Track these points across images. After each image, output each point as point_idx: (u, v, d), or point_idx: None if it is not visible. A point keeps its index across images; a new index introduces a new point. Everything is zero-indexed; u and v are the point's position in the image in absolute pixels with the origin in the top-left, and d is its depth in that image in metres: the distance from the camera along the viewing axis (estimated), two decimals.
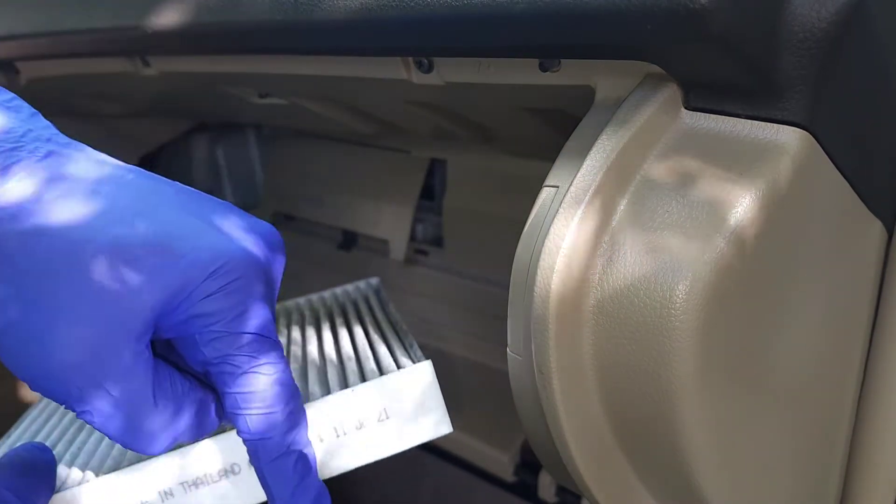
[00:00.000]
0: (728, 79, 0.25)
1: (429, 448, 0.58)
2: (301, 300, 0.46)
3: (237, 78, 0.43)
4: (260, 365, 0.26)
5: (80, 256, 0.23)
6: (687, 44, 0.23)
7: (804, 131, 0.25)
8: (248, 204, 0.81)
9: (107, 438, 0.32)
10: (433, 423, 0.31)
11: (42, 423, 0.37)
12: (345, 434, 0.31)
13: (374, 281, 0.47)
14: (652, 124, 0.26)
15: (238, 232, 0.27)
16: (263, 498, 0.30)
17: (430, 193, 0.64)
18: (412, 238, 0.65)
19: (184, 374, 0.27)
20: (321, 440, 0.30)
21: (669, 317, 0.24)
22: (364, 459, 0.31)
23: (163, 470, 0.29)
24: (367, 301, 0.44)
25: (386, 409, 0.31)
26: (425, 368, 0.31)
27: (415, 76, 0.34)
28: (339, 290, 0.47)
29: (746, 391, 0.27)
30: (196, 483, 0.29)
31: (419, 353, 0.34)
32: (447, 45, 0.30)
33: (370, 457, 0.31)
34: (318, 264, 0.73)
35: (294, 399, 0.27)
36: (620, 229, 0.25)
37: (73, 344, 0.23)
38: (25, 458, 0.28)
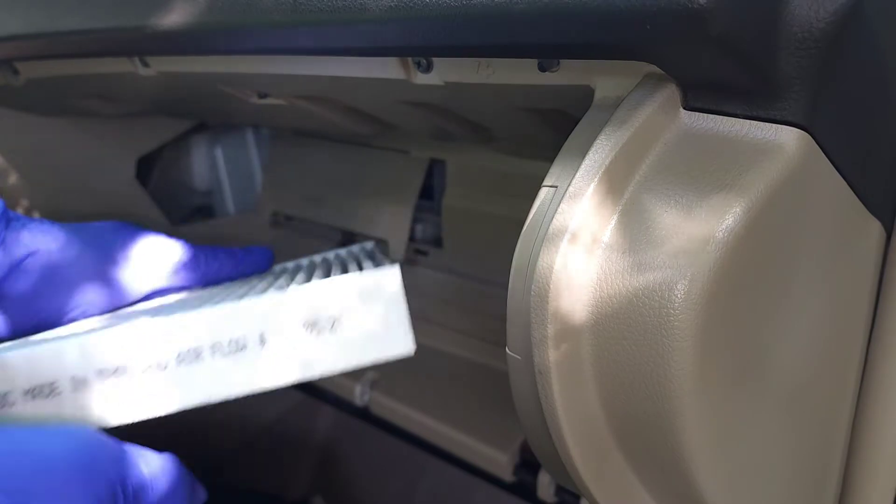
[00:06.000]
0: (727, 79, 0.25)
1: (427, 448, 0.58)
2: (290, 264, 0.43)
3: (236, 78, 0.43)
4: None
5: None
6: (686, 44, 0.23)
7: (803, 131, 0.25)
8: (247, 204, 0.81)
9: None
10: (393, 339, 0.26)
11: None
12: (288, 341, 0.24)
13: (368, 245, 0.44)
14: (650, 124, 0.26)
15: None
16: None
17: (429, 193, 0.64)
18: (411, 238, 0.65)
19: None
20: (263, 343, 0.24)
21: (668, 316, 0.24)
22: (304, 374, 0.25)
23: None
24: (355, 257, 0.39)
25: (339, 315, 0.25)
26: (391, 273, 0.26)
27: (414, 76, 0.34)
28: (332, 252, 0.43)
29: (745, 391, 0.27)
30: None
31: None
32: (446, 44, 0.30)
33: (313, 372, 0.25)
34: None
35: None
36: (619, 229, 0.25)
37: None
38: None
